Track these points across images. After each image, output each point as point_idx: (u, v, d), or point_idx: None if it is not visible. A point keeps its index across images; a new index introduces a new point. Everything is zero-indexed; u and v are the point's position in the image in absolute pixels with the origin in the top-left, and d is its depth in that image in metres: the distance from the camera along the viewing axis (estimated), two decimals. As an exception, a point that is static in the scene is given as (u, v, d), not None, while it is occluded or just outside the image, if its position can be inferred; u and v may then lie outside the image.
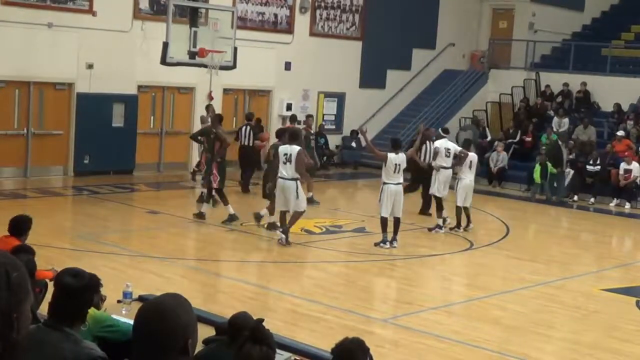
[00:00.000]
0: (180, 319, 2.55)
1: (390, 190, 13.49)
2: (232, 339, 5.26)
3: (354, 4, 24.74)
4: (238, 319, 5.44)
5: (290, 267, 12.46)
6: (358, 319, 9.62)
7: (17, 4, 18.00)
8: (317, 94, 24.25)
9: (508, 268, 13.05)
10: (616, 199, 20.31)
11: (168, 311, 2.54)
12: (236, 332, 5.25)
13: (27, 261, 6.59)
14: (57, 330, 3.33)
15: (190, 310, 2.62)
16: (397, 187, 13.58)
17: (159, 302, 2.61)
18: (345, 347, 5.17)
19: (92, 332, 5.49)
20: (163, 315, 2.53)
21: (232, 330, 5.31)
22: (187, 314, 2.58)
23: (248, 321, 5.33)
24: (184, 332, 2.54)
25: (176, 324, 2.53)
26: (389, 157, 13.48)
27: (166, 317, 2.52)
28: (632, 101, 23.52)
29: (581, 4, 29.30)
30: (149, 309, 2.58)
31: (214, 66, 16.86)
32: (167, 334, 2.51)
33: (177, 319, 2.54)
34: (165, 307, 2.56)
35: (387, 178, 13.52)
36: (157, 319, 2.52)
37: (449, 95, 25.80)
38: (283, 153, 13.25)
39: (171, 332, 2.52)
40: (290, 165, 13.13)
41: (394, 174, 13.48)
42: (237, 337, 5.21)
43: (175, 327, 2.52)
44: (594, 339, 9.57)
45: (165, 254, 12.62)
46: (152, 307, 2.58)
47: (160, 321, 2.51)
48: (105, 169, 19.35)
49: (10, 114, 18.43)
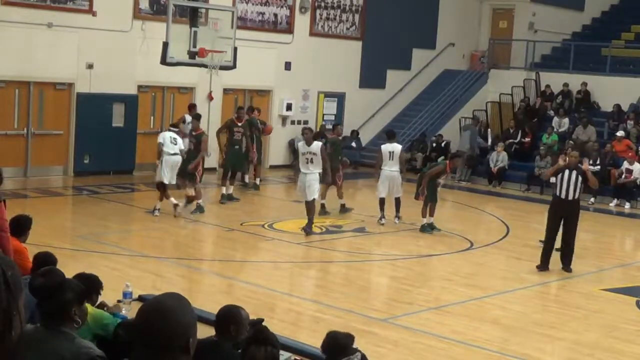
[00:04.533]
0: (181, 318, 2.53)
1: (384, 175, 15.52)
2: (220, 332, 5.24)
3: (354, 4, 24.74)
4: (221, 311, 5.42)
5: (290, 267, 12.46)
6: (358, 319, 9.61)
7: (17, 4, 18.00)
8: (317, 94, 24.25)
9: (508, 268, 13.04)
10: (616, 199, 20.32)
11: (169, 311, 2.52)
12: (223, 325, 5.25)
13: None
14: (54, 330, 3.34)
15: (190, 310, 2.61)
16: (391, 172, 15.48)
17: (159, 301, 2.59)
18: (331, 338, 5.29)
19: (92, 330, 5.49)
20: (164, 315, 2.51)
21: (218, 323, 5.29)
22: (188, 314, 2.57)
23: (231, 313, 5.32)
24: (185, 331, 2.53)
25: (177, 324, 2.51)
26: (382, 148, 15.70)
27: (167, 317, 2.50)
28: (632, 101, 23.52)
29: (581, 4, 29.30)
30: (150, 309, 2.56)
31: (214, 66, 16.87)
32: (168, 333, 2.49)
33: (179, 319, 2.52)
34: (167, 307, 2.54)
35: (383, 165, 15.58)
36: (158, 319, 2.50)
37: (449, 95, 25.79)
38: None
39: (173, 332, 2.50)
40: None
41: (389, 161, 15.49)
42: (224, 331, 5.21)
43: (176, 326, 2.51)
44: (594, 339, 9.56)
45: (165, 254, 12.62)
46: (153, 307, 2.56)
47: (162, 321, 2.49)
48: (105, 169, 19.35)
49: (10, 114, 18.43)
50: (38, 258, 7.05)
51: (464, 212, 18.79)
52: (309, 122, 23.91)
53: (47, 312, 3.53)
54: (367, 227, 15.50)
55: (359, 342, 6.02)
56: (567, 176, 12.27)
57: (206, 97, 21.35)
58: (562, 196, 12.33)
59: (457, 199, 20.40)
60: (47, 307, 3.56)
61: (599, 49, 26.38)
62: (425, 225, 15.02)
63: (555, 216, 12.41)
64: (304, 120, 23.75)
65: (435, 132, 24.54)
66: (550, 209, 12.61)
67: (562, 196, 12.33)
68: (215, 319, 5.40)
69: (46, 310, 3.54)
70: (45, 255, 7.16)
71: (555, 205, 12.45)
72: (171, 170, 14.97)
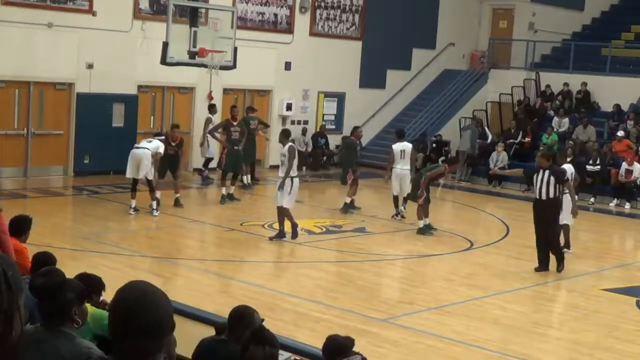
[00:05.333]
0: (167, 303, 2.42)
1: (395, 173, 15.95)
2: (230, 331, 5.26)
3: (354, 4, 24.74)
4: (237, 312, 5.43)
5: (291, 267, 12.46)
6: (358, 319, 9.61)
7: (17, 4, 17.99)
8: (317, 94, 24.25)
9: (508, 268, 13.04)
10: (616, 199, 20.32)
11: (157, 296, 2.40)
12: (235, 324, 5.27)
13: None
14: (54, 330, 3.34)
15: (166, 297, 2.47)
16: (402, 171, 15.90)
17: (140, 288, 2.42)
18: (331, 341, 5.32)
19: (91, 330, 5.49)
20: (154, 301, 2.38)
21: (231, 322, 5.31)
22: (168, 301, 2.44)
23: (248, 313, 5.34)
24: (171, 315, 2.43)
25: (166, 310, 2.40)
26: (394, 147, 16.09)
27: (158, 303, 2.38)
28: (632, 101, 23.51)
29: (581, 4, 29.29)
30: (132, 298, 2.39)
31: (214, 66, 16.87)
32: (160, 320, 2.38)
33: (166, 304, 2.41)
34: (152, 292, 2.40)
35: (395, 164, 15.98)
36: (150, 306, 2.36)
37: (449, 95, 25.80)
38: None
39: (165, 318, 2.40)
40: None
41: (400, 159, 15.93)
42: (235, 330, 5.23)
43: (165, 312, 2.40)
44: (594, 339, 9.56)
45: (165, 254, 12.62)
46: (135, 296, 2.39)
47: (155, 308, 2.37)
48: (105, 169, 19.34)
49: (10, 114, 18.43)
50: (37, 258, 7.03)
51: (464, 212, 18.80)
52: (309, 122, 23.94)
53: (48, 312, 3.53)
54: (367, 227, 15.50)
55: (359, 342, 6.02)
56: (541, 176, 12.41)
57: (206, 97, 21.35)
58: (537, 196, 12.61)
59: (457, 199, 20.41)
60: (47, 307, 3.56)
61: (599, 49, 26.38)
62: (423, 227, 15.00)
63: (536, 217, 12.65)
64: (304, 120, 23.77)
65: (435, 132, 24.53)
66: (532, 210, 12.83)
67: (537, 196, 12.61)
68: (230, 318, 5.37)
69: (46, 310, 3.55)
70: (44, 255, 7.14)
71: (534, 206, 12.77)
72: (130, 163, 14.91)
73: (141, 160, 14.79)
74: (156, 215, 15.00)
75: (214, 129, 18.17)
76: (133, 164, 14.88)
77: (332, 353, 5.36)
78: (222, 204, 16.78)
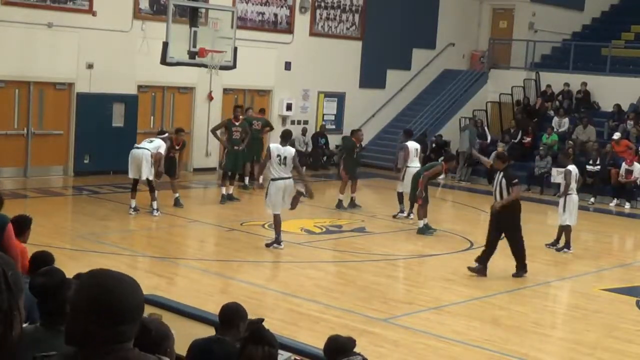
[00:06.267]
0: (137, 288, 2.30)
1: (410, 172, 15.86)
2: (227, 328, 5.26)
3: (354, 4, 24.74)
4: (228, 308, 5.45)
5: (290, 267, 12.46)
6: (358, 319, 9.61)
7: (17, 4, 17.99)
8: (317, 94, 24.25)
9: (508, 268, 13.03)
10: (616, 199, 20.32)
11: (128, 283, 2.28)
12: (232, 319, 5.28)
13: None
14: (54, 329, 3.34)
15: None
16: (416, 170, 15.76)
17: (111, 276, 2.27)
18: (332, 341, 5.33)
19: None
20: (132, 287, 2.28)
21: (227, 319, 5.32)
22: (138, 288, 2.32)
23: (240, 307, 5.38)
24: (142, 299, 2.32)
25: (139, 295, 2.30)
26: (409, 145, 16.39)
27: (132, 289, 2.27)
28: (632, 101, 23.51)
29: (581, 4, 29.29)
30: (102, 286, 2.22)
31: (214, 66, 16.88)
32: (139, 306, 2.28)
33: (137, 290, 2.30)
34: (122, 279, 2.27)
35: (409, 163, 16.14)
36: (129, 292, 2.26)
37: (449, 95, 25.79)
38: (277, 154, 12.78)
39: (140, 304, 2.29)
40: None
41: (414, 158, 16.27)
42: (231, 328, 5.24)
43: (139, 299, 2.29)
44: (594, 339, 9.56)
45: (165, 254, 12.62)
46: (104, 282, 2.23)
47: (130, 293, 2.27)
48: (105, 169, 19.34)
49: (10, 114, 18.43)
50: (35, 257, 7.03)
51: (464, 212, 18.80)
52: (309, 122, 23.93)
53: (48, 311, 3.54)
54: (367, 227, 15.50)
55: (359, 342, 6.02)
56: (497, 179, 12.39)
57: (206, 97, 21.36)
58: (494, 198, 12.50)
59: (457, 199, 20.41)
60: (47, 306, 3.57)
61: (599, 49, 26.38)
62: (423, 227, 14.99)
63: (492, 219, 12.47)
64: (304, 120, 23.77)
65: (435, 132, 24.53)
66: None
67: (494, 198, 12.50)
68: (220, 316, 5.41)
69: (46, 309, 3.55)
70: (42, 255, 7.14)
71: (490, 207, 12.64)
72: (131, 163, 14.93)
73: (140, 161, 14.78)
74: (156, 215, 15.01)
75: (215, 128, 18.18)
76: (133, 164, 14.89)
77: (334, 353, 5.37)
78: (222, 204, 16.79)
